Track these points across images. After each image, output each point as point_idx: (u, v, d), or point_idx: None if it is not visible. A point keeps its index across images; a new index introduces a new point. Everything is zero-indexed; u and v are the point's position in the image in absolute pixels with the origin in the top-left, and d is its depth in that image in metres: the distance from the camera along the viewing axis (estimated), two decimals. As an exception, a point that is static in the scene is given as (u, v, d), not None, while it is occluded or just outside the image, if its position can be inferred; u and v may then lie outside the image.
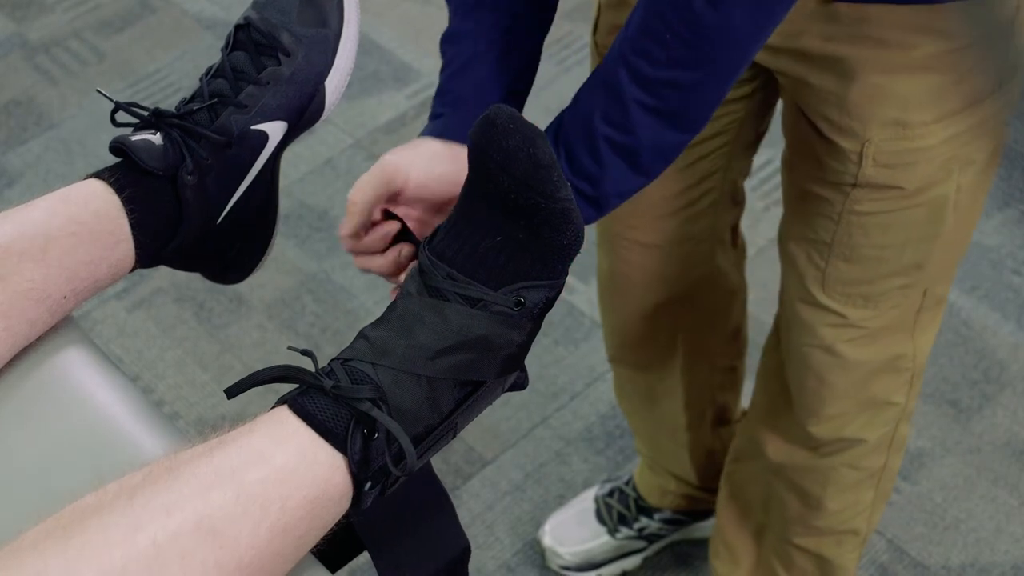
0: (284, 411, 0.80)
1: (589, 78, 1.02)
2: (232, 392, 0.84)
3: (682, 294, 1.54)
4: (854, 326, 1.31)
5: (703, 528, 1.89)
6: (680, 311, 1.57)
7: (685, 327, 1.60)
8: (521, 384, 0.91)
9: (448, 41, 1.12)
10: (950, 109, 1.14)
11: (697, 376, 1.66)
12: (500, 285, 0.84)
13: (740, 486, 1.66)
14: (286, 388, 0.83)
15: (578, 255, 0.87)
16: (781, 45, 1.15)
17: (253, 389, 0.85)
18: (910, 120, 1.14)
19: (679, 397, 1.67)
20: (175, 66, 2.72)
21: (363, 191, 1.04)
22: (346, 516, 0.81)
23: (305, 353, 0.86)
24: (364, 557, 0.88)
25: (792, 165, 1.29)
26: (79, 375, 0.92)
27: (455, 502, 0.89)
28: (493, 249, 0.84)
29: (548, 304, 0.87)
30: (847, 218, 1.22)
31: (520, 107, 1.13)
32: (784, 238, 1.34)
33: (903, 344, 1.35)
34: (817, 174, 1.23)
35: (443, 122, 1.09)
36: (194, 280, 2.27)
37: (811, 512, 1.53)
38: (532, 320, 0.86)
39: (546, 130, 0.99)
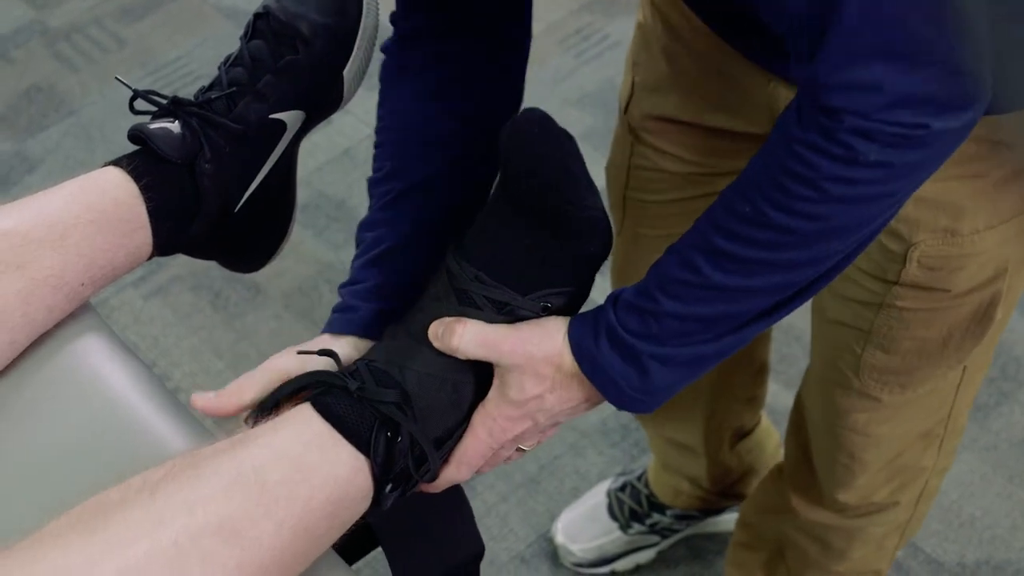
0: (308, 410, 0.79)
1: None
2: (261, 409, 0.83)
3: None
4: (890, 408, 1.25)
5: (717, 523, 1.89)
6: None
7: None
8: None
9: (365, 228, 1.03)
10: (1002, 215, 1.06)
11: (718, 409, 1.62)
12: (528, 290, 0.83)
13: (757, 531, 1.62)
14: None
15: None
16: None
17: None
18: (960, 228, 1.05)
19: (699, 427, 1.64)
20: (195, 54, 2.72)
21: (241, 392, 0.90)
22: (364, 515, 0.81)
23: (325, 353, 0.86)
24: (379, 549, 0.88)
25: None
26: (97, 362, 0.92)
27: (469, 493, 0.89)
28: (521, 254, 0.84)
29: (573, 311, 0.86)
30: (887, 311, 1.14)
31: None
32: (819, 317, 1.27)
33: (939, 414, 1.28)
34: (857, 264, 1.13)
35: (357, 317, 0.97)
36: (211, 268, 2.27)
37: (833, 561, 1.49)
38: None
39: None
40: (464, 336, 0.83)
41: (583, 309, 0.89)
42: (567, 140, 0.84)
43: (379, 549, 0.88)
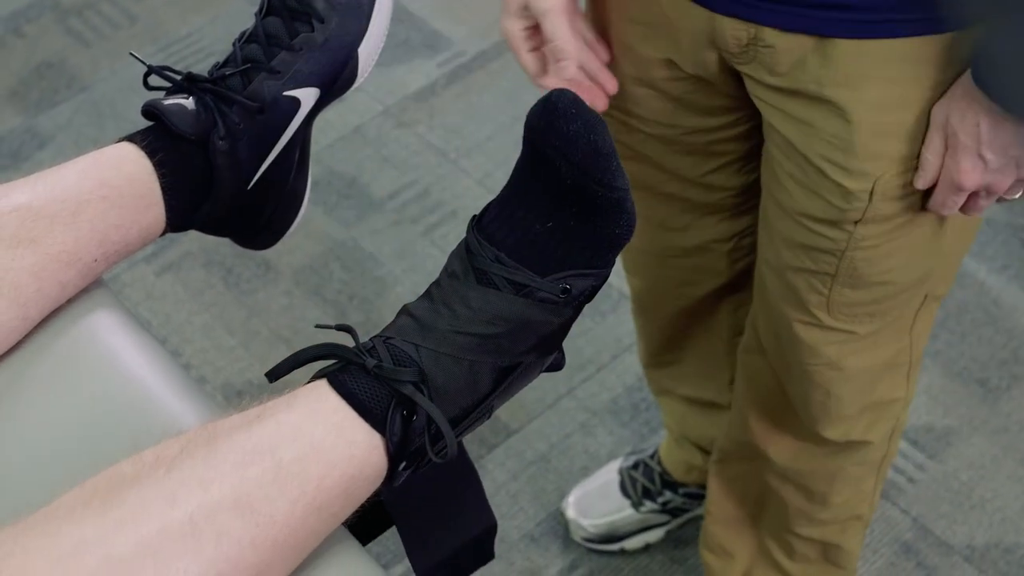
0: (324, 387, 0.79)
1: None
2: (274, 375, 0.83)
3: (726, 282, 1.50)
4: (859, 339, 1.28)
5: (727, 503, 1.89)
6: (723, 299, 1.53)
7: (728, 310, 1.56)
8: (558, 365, 0.91)
9: None
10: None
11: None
12: (548, 271, 0.83)
13: (731, 482, 1.63)
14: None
15: None
16: (781, 85, 1.10)
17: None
18: (916, 150, 1.09)
19: (721, 379, 1.64)
20: (207, 30, 2.71)
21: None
22: (376, 492, 0.81)
23: (343, 328, 0.86)
24: (391, 528, 0.88)
25: (778, 201, 1.22)
26: (109, 338, 0.92)
27: (480, 472, 0.89)
28: (543, 234, 0.83)
29: (593, 292, 0.86)
30: (851, 253, 1.18)
31: None
32: (771, 265, 1.29)
33: (900, 341, 1.32)
34: (814, 213, 1.17)
35: None
36: (222, 245, 2.27)
37: (815, 507, 1.51)
38: (575, 307, 0.85)
39: None
40: None
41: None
42: (598, 121, 0.83)
43: (391, 526, 0.88)
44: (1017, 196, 1.11)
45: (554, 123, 0.83)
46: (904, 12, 1.00)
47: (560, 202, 0.83)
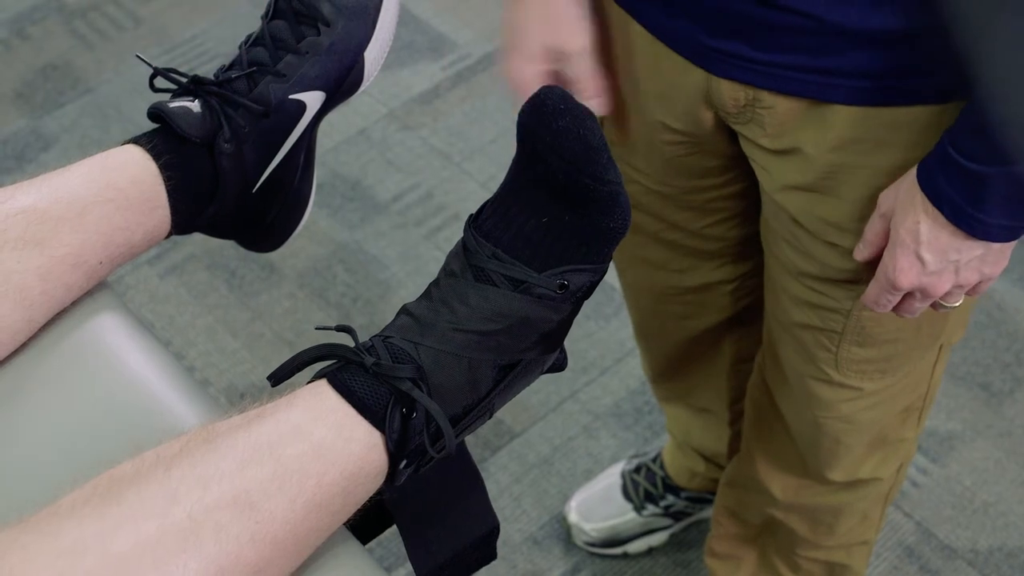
0: (323, 386, 0.80)
1: None
2: (276, 378, 0.83)
3: (730, 316, 1.48)
4: (873, 394, 1.25)
5: (730, 506, 1.89)
6: (727, 329, 1.51)
7: (733, 339, 1.53)
8: (560, 366, 0.91)
9: None
10: None
11: (744, 376, 1.59)
12: (545, 267, 0.83)
13: (737, 505, 1.61)
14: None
15: None
16: (776, 147, 1.07)
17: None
18: None
19: (724, 397, 1.63)
20: (211, 33, 2.72)
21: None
22: (378, 492, 0.81)
23: (343, 329, 0.86)
24: (393, 528, 0.88)
25: (779, 259, 1.20)
26: (113, 340, 0.92)
27: (483, 474, 0.89)
28: (539, 230, 0.84)
29: (591, 288, 0.86)
30: (857, 313, 1.15)
31: None
32: (779, 321, 1.26)
33: (917, 390, 1.29)
34: (814, 273, 1.15)
35: None
36: (226, 247, 2.27)
37: (820, 536, 1.49)
38: (573, 303, 0.85)
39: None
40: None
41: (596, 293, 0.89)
42: (587, 115, 0.84)
43: (392, 527, 0.88)
44: (955, 304, 1.05)
45: (544, 119, 0.83)
46: (903, 80, 0.98)
47: (554, 197, 0.83)
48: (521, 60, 1.12)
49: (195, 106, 0.96)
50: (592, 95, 1.12)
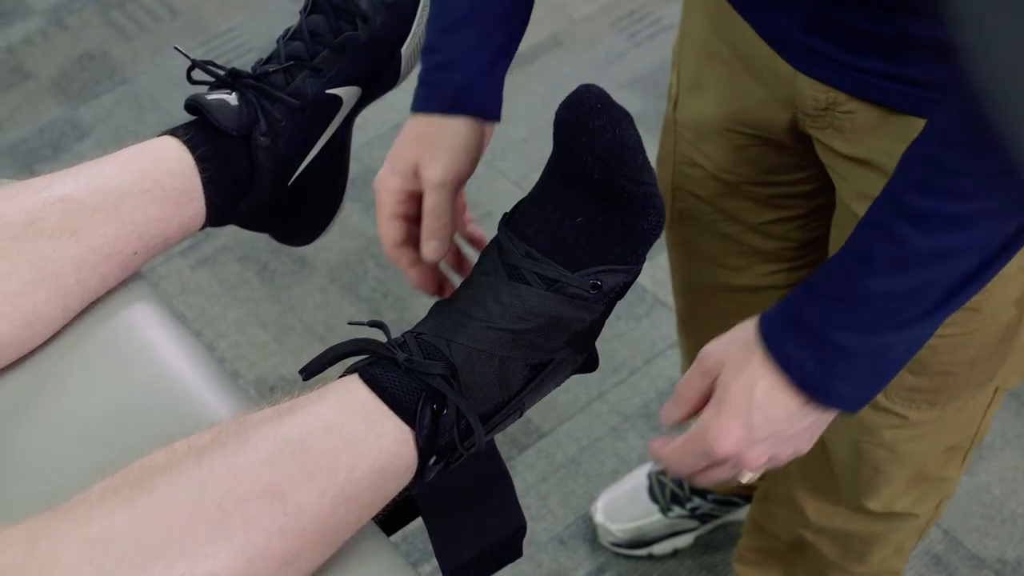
0: (355, 381, 0.80)
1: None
2: (308, 372, 0.83)
3: None
4: (919, 425, 1.20)
5: (756, 510, 1.88)
6: None
7: None
8: (592, 366, 0.91)
9: None
10: None
11: None
12: (578, 267, 0.83)
13: (769, 520, 1.59)
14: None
15: None
16: (852, 154, 1.04)
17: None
18: None
19: None
20: (247, 26, 2.73)
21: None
22: (407, 487, 0.81)
23: (375, 324, 0.86)
24: (418, 523, 0.88)
25: None
26: (146, 331, 0.93)
27: (510, 472, 0.89)
28: (573, 230, 0.83)
29: (624, 289, 0.86)
30: None
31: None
32: None
33: (967, 430, 1.25)
34: None
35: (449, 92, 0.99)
36: (258, 240, 2.28)
37: (851, 562, 1.47)
38: (606, 304, 0.85)
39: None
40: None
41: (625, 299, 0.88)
42: (623, 116, 0.83)
43: (419, 522, 0.88)
44: (751, 478, 0.93)
45: (580, 118, 0.83)
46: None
47: (588, 197, 0.83)
48: (388, 170, 1.01)
49: (232, 99, 0.96)
50: (431, 236, 0.99)
